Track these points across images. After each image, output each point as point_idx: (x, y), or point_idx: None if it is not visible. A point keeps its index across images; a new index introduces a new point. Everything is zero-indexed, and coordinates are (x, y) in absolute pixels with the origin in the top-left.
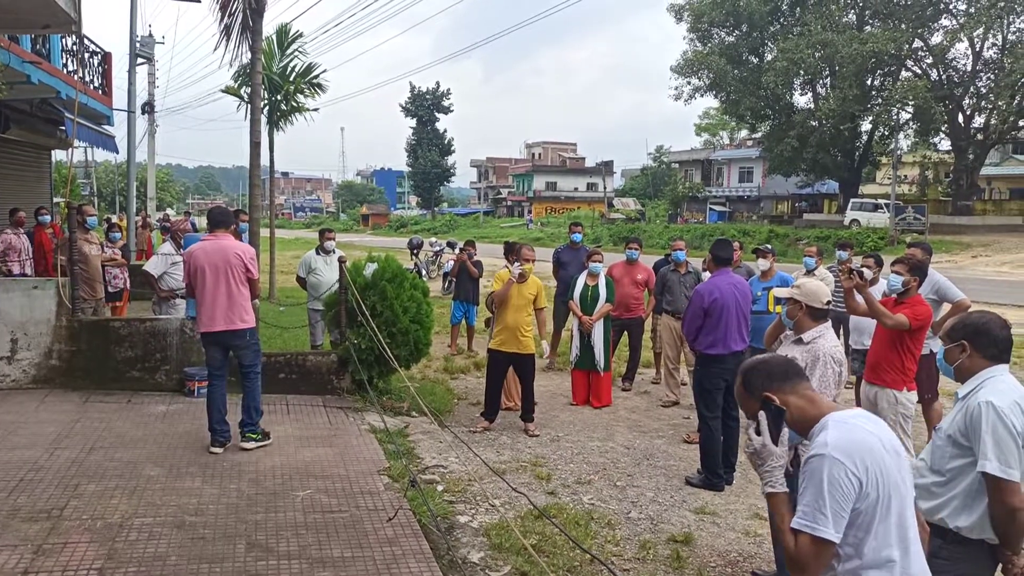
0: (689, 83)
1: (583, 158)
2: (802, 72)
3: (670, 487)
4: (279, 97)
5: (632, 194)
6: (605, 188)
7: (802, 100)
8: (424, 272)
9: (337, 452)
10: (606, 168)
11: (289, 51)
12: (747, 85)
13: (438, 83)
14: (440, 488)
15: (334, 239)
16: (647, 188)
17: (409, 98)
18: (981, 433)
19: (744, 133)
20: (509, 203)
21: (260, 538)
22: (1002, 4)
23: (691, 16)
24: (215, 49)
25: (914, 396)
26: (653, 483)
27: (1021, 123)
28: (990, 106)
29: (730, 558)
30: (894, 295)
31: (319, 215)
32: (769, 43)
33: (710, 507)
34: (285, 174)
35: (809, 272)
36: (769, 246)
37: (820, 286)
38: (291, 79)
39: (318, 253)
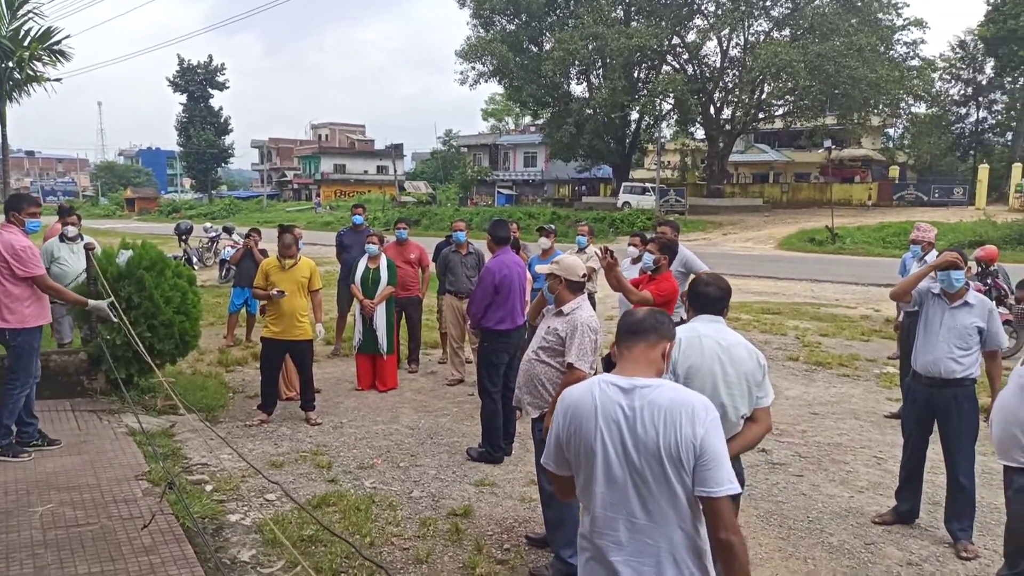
0: (474, 68)
1: (372, 140)
2: (577, 62)
3: (453, 463)
4: (11, 64)
5: (423, 177)
6: (395, 171)
7: (578, 89)
8: (196, 260)
9: (87, 460)
10: (396, 151)
11: (22, 13)
12: (528, 72)
13: (211, 56)
14: (209, 488)
15: (77, 224)
16: (438, 172)
17: (178, 71)
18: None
19: (528, 119)
20: (295, 186)
21: None
22: (743, 8)
23: (474, 2)
24: None
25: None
26: (436, 461)
27: (761, 115)
28: (735, 99)
29: (506, 525)
30: (648, 272)
31: (74, 199)
32: (547, 33)
33: (490, 479)
34: (30, 153)
35: (581, 250)
36: (552, 226)
37: (576, 261)
38: (25, 44)
39: (62, 240)
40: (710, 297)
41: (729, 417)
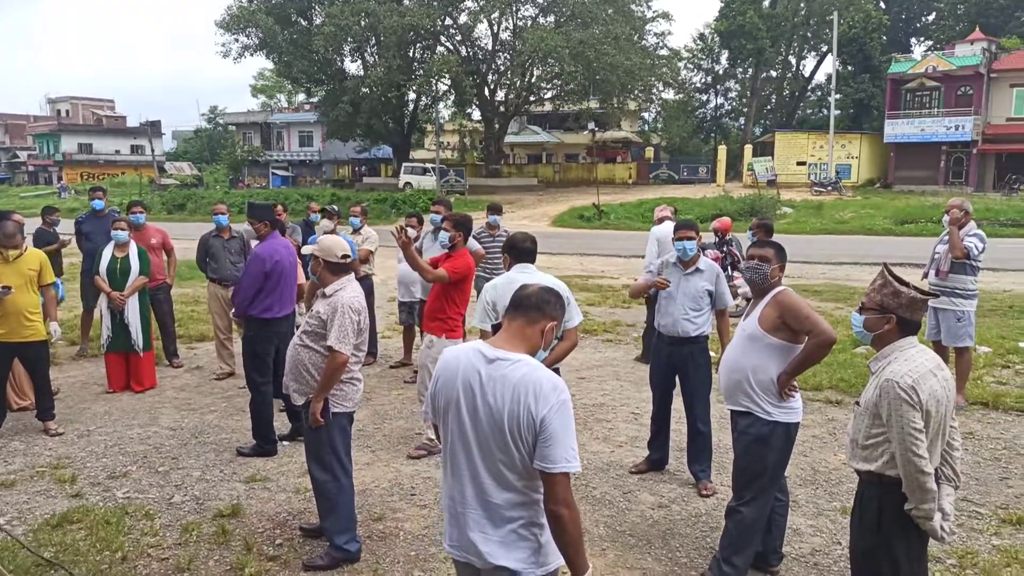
0: (237, 40)
1: (124, 117)
2: (350, 39)
3: (220, 462)
4: None
5: (187, 158)
6: (153, 151)
7: (353, 67)
8: None
9: None
10: (153, 129)
11: None
12: (298, 48)
13: None
14: None
15: None
16: (204, 152)
17: None
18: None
19: (301, 97)
20: (31, 168)
21: None
22: None
23: None
24: None
25: (452, 343)
26: (201, 461)
27: (532, 98)
28: (508, 82)
29: (279, 520)
30: (446, 250)
31: None
32: (316, 6)
33: (261, 474)
34: None
35: (356, 231)
36: (335, 207)
37: (337, 241)
38: None
39: None
40: (526, 250)
41: None
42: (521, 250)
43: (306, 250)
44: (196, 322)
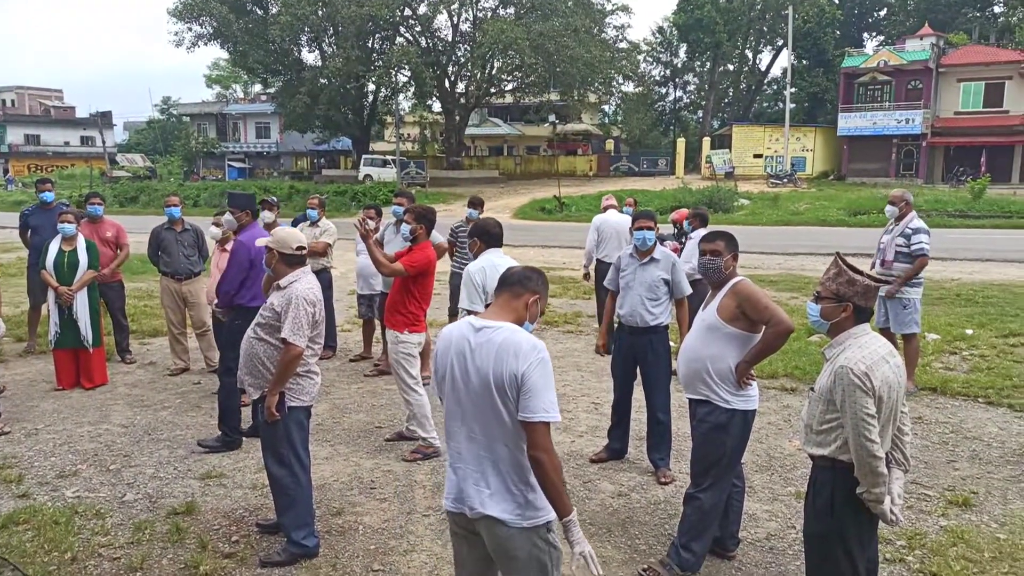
0: (191, 29)
1: (73, 107)
2: (307, 29)
3: (174, 459)
4: None
5: (140, 149)
6: (104, 142)
7: (311, 57)
8: None
9: None
10: (103, 119)
11: None
12: (254, 37)
13: None
14: None
15: None
16: (157, 143)
17: None
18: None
19: (258, 87)
20: None
21: None
22: None
23: None
24: None
25: (417, 337)
26: (155, 459)
27: (492, 90)
28: (468, 74)
29: (236, 516)
30: (409, 243)
31: None
32: None
33: (217, 470)
34: None
35: (313, 223)
36: (275, 198)
37: (292, 233)
38: None
39: None
40: (497, 235)
41: None
42: (493, 235)
43: (260, 242)
44: (149, 317)
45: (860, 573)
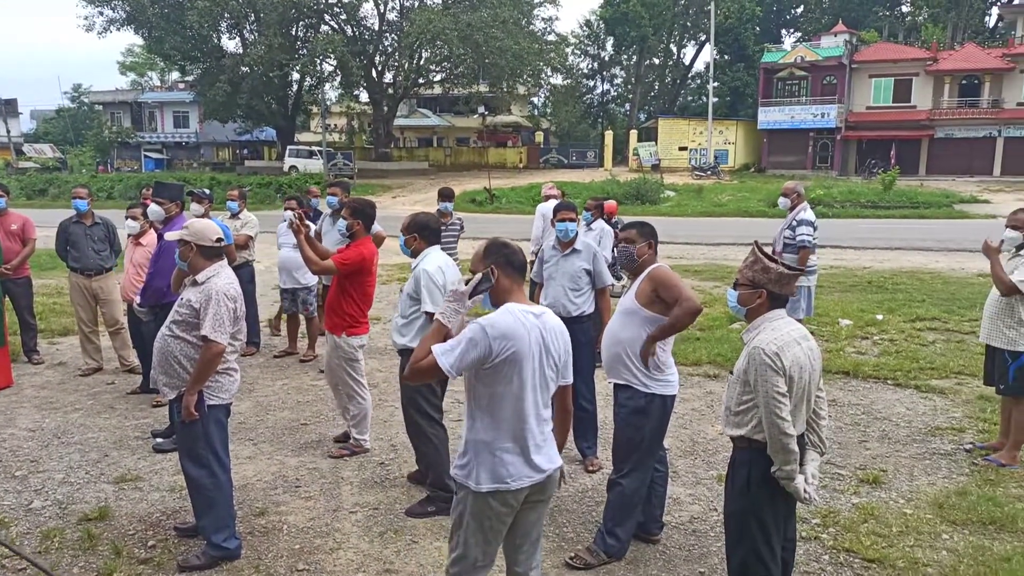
0: (102, 13)
1: None
2: (227, 15)
3: (86, 463)
4: None
5: (48, 139)
6: (9, 132)
7: (231, 44)
8: None
9: None
10: (8, 108)
11: None
12: (170, 23)
13: None
14: None
15: None
16: (67, 133)
17: None
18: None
19: (175, 75)
20: None
21: None
22: None
23: None
24: None
25: (357, 340)
26: (64, 463)
27: (421, 81)
28: (396, 64)
29: (152, 520)
30: (347, 239)
31: None
32: None
33: (132, 473)
34: None
35: (234, 216)
36: (207, 191)
37: (209, 225)
38: None
39: None
40: (438, 232)
41: None
42: (435, 231)
43: (174, 235)
44: (58, 315)
45: (776, 550)
